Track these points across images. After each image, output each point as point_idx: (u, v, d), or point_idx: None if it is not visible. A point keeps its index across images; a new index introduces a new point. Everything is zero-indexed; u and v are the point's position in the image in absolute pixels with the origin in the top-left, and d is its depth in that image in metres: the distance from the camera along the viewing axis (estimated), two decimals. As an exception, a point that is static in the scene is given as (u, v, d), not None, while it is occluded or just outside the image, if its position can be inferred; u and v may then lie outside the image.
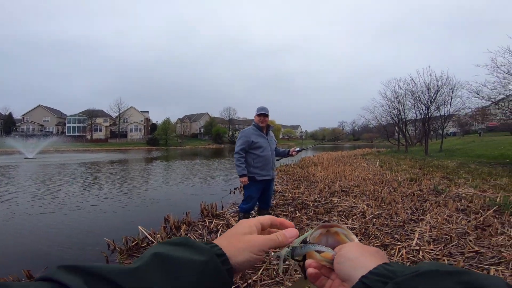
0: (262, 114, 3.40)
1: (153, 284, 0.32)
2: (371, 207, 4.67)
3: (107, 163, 17.92)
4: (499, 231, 3.31)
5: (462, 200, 4.92)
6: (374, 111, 27.00)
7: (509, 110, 12.76)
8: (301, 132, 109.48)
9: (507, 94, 12.44)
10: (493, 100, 13.11)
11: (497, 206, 4.30)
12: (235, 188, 7.60)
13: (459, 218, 3.87)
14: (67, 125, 65.09)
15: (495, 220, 3.66)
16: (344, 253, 0.40)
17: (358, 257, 0.39)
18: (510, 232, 3.26)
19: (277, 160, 3.85)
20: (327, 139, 69.93)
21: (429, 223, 3.77)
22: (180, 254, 0.37)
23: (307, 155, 22.02)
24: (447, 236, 3.25)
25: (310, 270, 0.44)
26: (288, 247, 0.48)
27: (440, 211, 4.25)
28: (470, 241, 3.07)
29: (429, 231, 3.44)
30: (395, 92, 23.48)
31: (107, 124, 67.20)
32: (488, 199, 4.79)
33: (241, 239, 0.43)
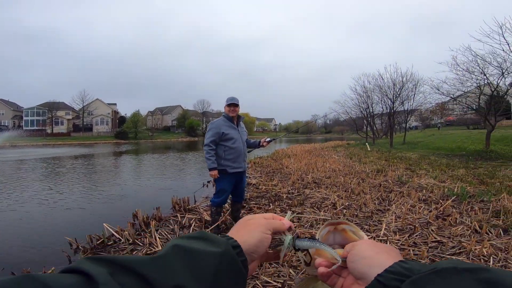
0: (232, 104, 3.31)
1: (174, 273, 0.33)
2: (342, 198, 4.82)
3: (70, 158, 16.75)
4: (458, 221, 3.57)
5: (424, 190, 5.26)
6: (345, 105, 28.08)
7: (466, 105, 13.83)
8: (275, 125, 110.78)
9: (465, 91, 13.42)
10: (451, 96, 14.14)
11: (455, 196, 4.65)
12: (208, 182, 7.46)
13: (421, 208, 4.13)
14: (24, 118, 59.91)
15: (454, 210, 3.95)
16: (358, 251, 0.41)
17: (373, 255, 0.39)
18: (467, 221, 3.53)
19: (249, 151, 3.80)
20: (293, 131, 71.63)
21: (395, 213, 3.97)
22: (199, 246, 0.38)
23: (280, 147, 22.32)
24: (411, 226, 3.44)
25: (321, 270, 0.44)
26: (292, 236, 0.51)
27: (404, 201, 4.50)
28: (432, 230, 3.27)
29: (394, 221, 3.62)
30: (364, 87, 24.58)
31: (70, 117, 62.86)
32: (447, 189, 5.17)
33: (247, 223, 0.47)
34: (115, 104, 71.18)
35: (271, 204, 4.70)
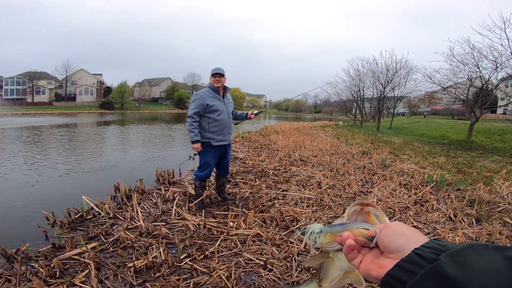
0: (217, 74, 3.18)
1: None
2: (327, 177, 4.88)
3: (50, 128, 16.05)
4: (434, 207, 3.69)
5: (405, 175, 5.40)
6: (337, 87, 27.98)
7: (455, 96, 14.04)
8: (266, 101, 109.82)
9: (456, 82, 13.55)
10: (442, 86, 14.28)
11: (434, 183, 4.80)
12: (195, 154, 7.38)
13: (402, 193, 4.24)
14: (4, 87, 57.21)
15: (432, 196, 4.07)
16: (396, 228, 0.44)
17: (410, 233, 0.42)
18: (443, 209, 3.66)
19: (236, 124, 3.72)
20: (280, 104, 71.44)
21: (376, 196, 4.07)
22: None
23: (270, 123, 22.26)
24: (391, 210, 3.53)
25: (349, 242, 0.47)
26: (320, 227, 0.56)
27: (386, 185, 4.61)
28: (410, 216, 3.38)
29: (376, 204, 3.70)
30: (357, 70, 24.37)
31: (52, 86, 59.89)
32: (427, 175, 5.32)
33: None
34: (101, 74, 68.34)
35: (257, 179, 4.70)
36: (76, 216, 3.11)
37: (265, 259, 2.30)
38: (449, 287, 0.32)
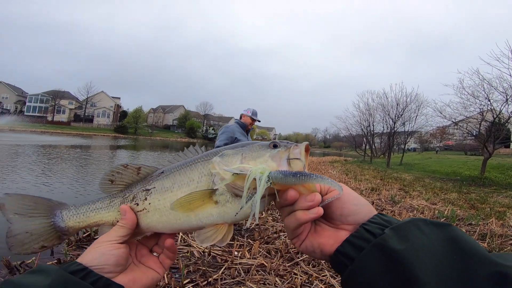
0: (256, 120, 3.65)
1: None
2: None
3: (66, 147, 16.68)
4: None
5: (415, 211, 5.27)
6: (346, 121, 28.24)
7: (467, 131, 13.83)
8: (275, 134, 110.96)
9: (467, 116, 13.35)
10: (453, 120, 14.11)
11: (444, 218, 4.67)
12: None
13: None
14: (27, 104, 60.14)
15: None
16: (356, 196, 0.44)
17: (366, 203, 0.44)
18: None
19: None
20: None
21: (385, 230, 3.98)
22: (29, 279, 0.39)
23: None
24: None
25: (320, 211, 0.41)
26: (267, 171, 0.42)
27: (395, 220, 4.51)
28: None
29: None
30: (367, 105, 24.71)
31: (72, 106, 63.04)
32: (437, 211, 5.18)
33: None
34: (119, 98, 71.58)
35: (263, 212, 4.69)
36: (84, 235, 3.18)
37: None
38: (392, 260, 0.34)
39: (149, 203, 0.54)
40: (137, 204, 0.55)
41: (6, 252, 2.70)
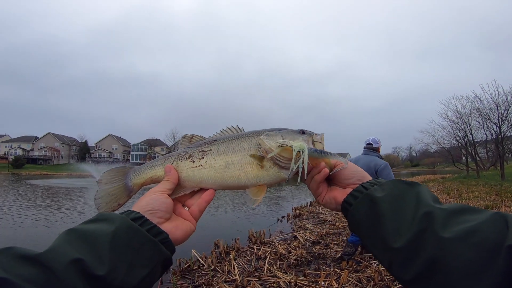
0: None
1: (68, 251, 0.39)
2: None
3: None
4: None
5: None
6: (435, 134, 24.63)
7: None
8: (350, 159, 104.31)
9: None
10: None
11: None
12: (283, 217, 7.54)
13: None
14: (131, 153, 72.61)
15: None
16: (356, 166, 0.63)
17: (363, 171, 0.62)
18: None
19: None
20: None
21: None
22: (94, 227, 0.44)
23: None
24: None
25: (326, 171, 0.61)
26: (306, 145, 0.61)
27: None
28: None
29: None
30: (458, 112, 21.32)
31: (164, 153, 73.39)
32: None
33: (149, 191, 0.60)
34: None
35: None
36: (185, 266, 3.59)
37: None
38: (373, 202, 0.51)
39: (206, 161, 0.67)
40: (193, 161, 0.67)
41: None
